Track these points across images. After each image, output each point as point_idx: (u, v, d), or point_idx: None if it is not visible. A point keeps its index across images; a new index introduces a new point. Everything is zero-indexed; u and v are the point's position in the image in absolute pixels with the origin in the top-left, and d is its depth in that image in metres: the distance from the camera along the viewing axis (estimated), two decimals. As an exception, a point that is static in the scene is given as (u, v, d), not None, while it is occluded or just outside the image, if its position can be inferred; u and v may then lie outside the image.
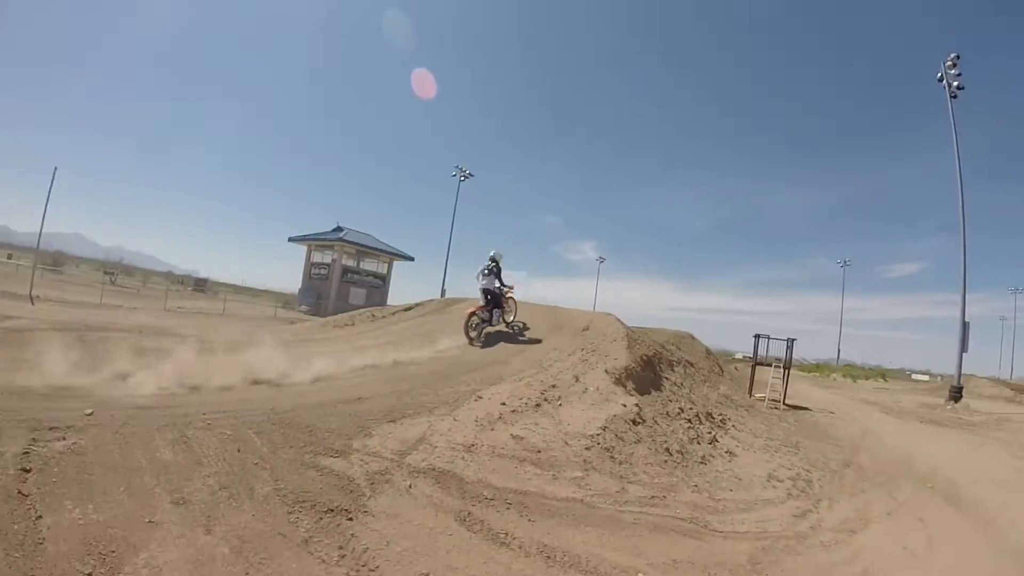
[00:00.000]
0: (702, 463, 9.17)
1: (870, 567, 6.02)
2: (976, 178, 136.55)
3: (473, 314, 15.94)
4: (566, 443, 7.85)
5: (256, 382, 9.90)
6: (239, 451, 5.88)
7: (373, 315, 22.80)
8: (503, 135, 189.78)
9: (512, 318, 17.29)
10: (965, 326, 30.84)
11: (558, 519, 5.85)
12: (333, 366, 11.66)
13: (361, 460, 6.27)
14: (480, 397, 9.28)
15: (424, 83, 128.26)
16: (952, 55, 32.93)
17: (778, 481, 8.98)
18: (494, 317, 16.37)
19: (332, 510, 5.04)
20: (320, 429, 7.02)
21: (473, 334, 15.76)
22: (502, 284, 16.59)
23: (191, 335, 15.56)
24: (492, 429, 7.87)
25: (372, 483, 5.75)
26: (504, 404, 8.92)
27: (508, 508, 5.85)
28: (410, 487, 5.84)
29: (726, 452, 10.27)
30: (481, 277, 16.42)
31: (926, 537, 7.04)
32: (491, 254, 16.60)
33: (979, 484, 10.02)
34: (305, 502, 5.05)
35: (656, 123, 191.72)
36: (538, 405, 9.24)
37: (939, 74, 33.35)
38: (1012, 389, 42.24)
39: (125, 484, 4.75)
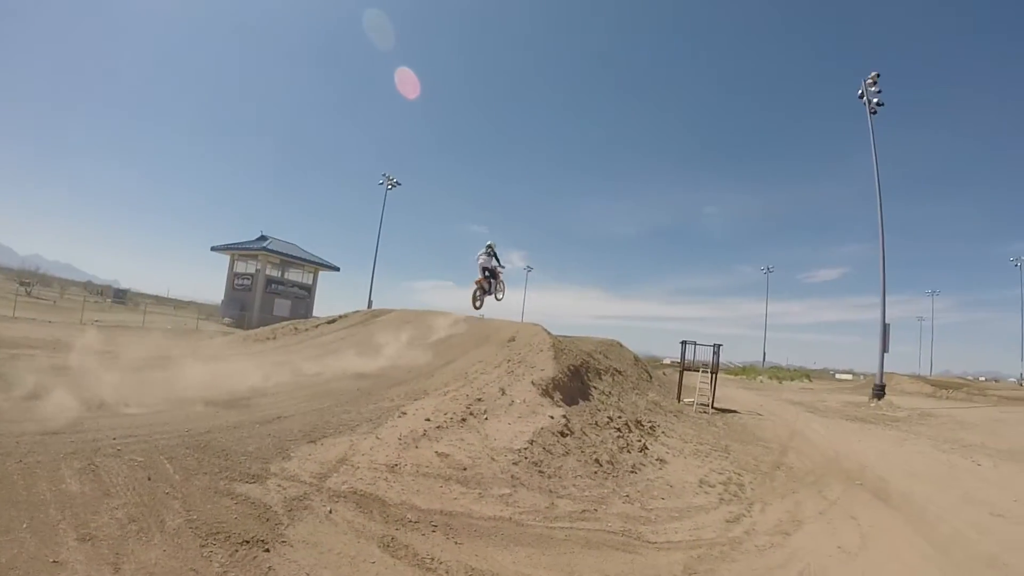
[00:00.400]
0: (633, 472, 9.01)
1: (806, 569, 5.94)
2: (894, 187, 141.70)
3: (479, 284, 19.42)
4: (493, 459, 7.63)
5: (171, 402, 9.38)
6: (150, 479, 5.54)
7: (296, 328, 22.26)
8: (430, 143, 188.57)
9: (502, 296, 20.53)
10: (886, 327, 31.89)
11: (486, 540, 5.60)
12: (252, 383, 11.21)
13: (279, 485, 5.93)
14: (404, 413, 8.99)
15: (408, 82, 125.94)
16: (873, 73, 34.05)
17: (710, 486, 8.89)
18: (491, 287, 19.80)
19: (248, 541, 4.70)
20: (236, 452, 6.69)
21: (477, 303, 19.61)
22: (499, 263, 20.15)
23: (106, 351, 14.90)
24: (416, 447, 7.59)
25: (290, 510, 5.42)
26: (429, 420, 8.67)
27: (433, 530, 5.57)
28: (330, 512, 5.53)
29: (657, 460, 10.13)
30: (481, 257, 19.73)
31: (859, 535, 7.06)
32: (487, 243, 20.25)
33: (906, 479, 10.23)
34: (219, 534, 4.72)
35: (585, 135, 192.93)
36: (464, 420, 8.99)
37: (860, 91, 34.54)
38: (932, 385, 43.64)
39: (29, 520, 4.41)
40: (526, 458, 7.87)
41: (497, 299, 20.39)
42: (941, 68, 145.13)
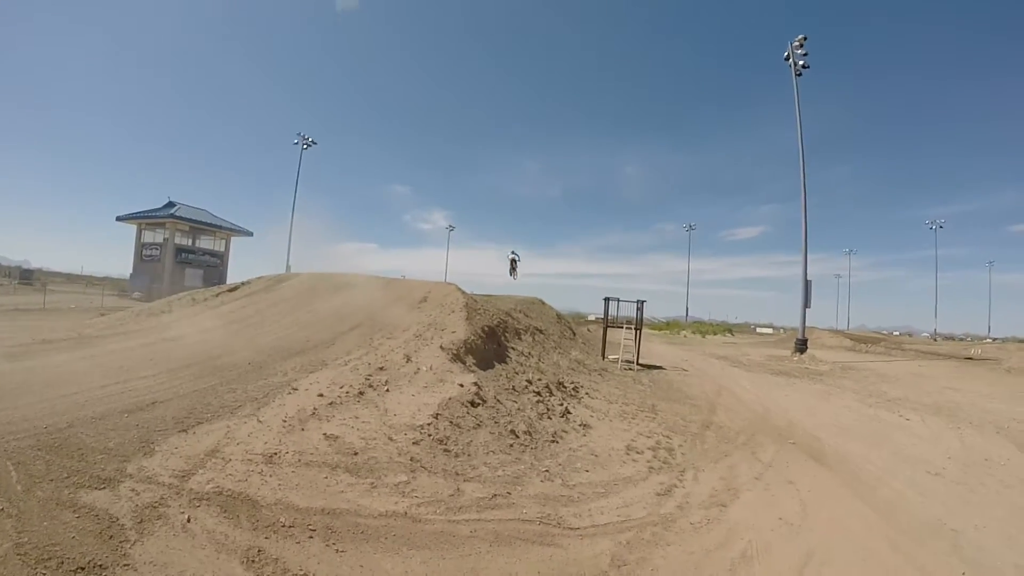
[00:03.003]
0: (553, 442, 8.34)
1: (748, 547, 5.39)
2: (813, 150, 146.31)
3: (511, 265, 27.54)
4: (390, 439, 6.78)
5: (35, 393, 8.27)
6: None
7: (194, 298, 20.85)
8: (346, 102, 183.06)
9: (517, 279, 27.63)
10: (807, 284, 33.15)
11: (374, 543, 4.72)
12: (130, 364, 10.12)
13: (132, 490, 5.05)
14: (295, 389, 8.18)
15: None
16: (800, 36, 34.77)
17: (638, 453, 8.30)
18: (517, 268, 27.69)
19: (83, 568, 3.92)
20: (94, 450, 5.85)
21: (512, 274, 27.67)
22: (517, 257, 28.03)
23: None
24: (302, 430, 6.72)
25: (140, 521, 4.55)
26: (321, 396, 7.86)
27: (311, 537, 4.67)
28: (188, 521, 4.64)
29: (580, 425, 9.55)
30: (512, 254, 27.93)
31: (799, 502, 6.66)
32: (512, 249, 28.62)
33: (838, 436, 10.09)
34: (51, 559, 3.94)
35: (506, 95, 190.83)
36: (361, 393, 8.18)
37: (786, 53, 35.21)
38: (851, 339, 45.20)
39: None
40: (430, 435, 7.04)
41: (515, 280, 27.83)
42: (860, 35, 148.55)
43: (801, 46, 34.47)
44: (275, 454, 6.01)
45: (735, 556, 5.22)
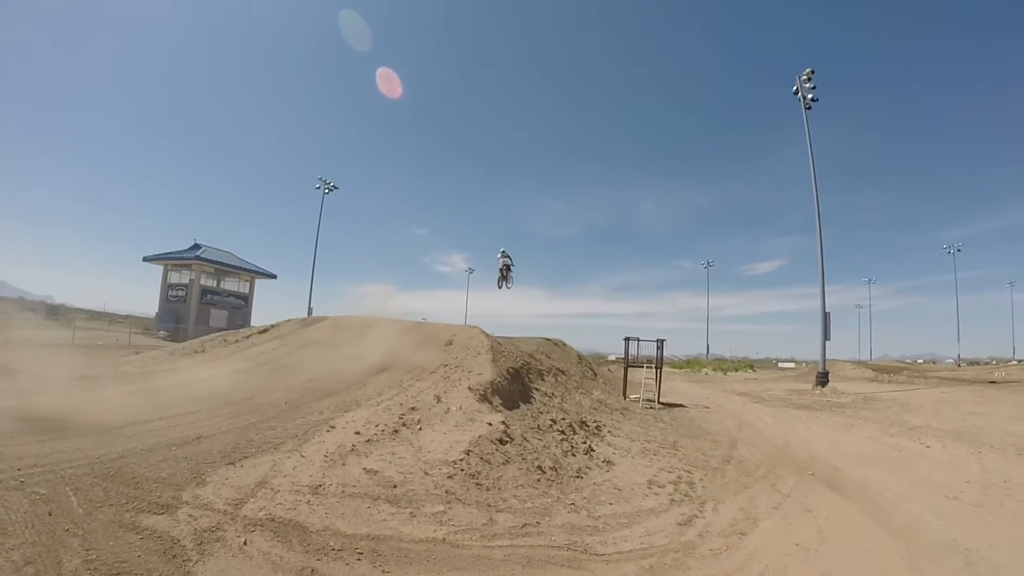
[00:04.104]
0: (578, 477, 8.61)
1: (765, 570, 5.57)
2: (827, 179, 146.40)
3: (501, 274, 26.96)
4: (426, 473, 7.12)
5: (83, 426, 8.72)
6: (50, 515, 5.12)
7: (226, 339, 21.56)
8: (364, 146, 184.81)
9: (512, 286, 27.54)
10: (826, 316, 33.19)
11: (417, 566, 5.05)
12: (172, 400, 10.58)
13: (190, 515, 5.44)
14: (333, 427, 8.53)
15: (391, 82, 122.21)
16: (807, 70, 35.25)
17: (659, 487, 8.52)
18: (508, 277, 27.03)
19: None
20: (148, 479, 6.25)
21: (500, 286, 27.11)
22: (511, 262, 27.35)
23: (25, 372, 14.10)
24: (343, 464, 7.08)
25: (200, 543, 4.92)
26: (358, 433, 8.18)
27: (359, 559, 5.02)
28: (245, 544, 5.01)
29: (603, 461, 9.77)
30: (503, 256, 27.15)
31: (816, 529, 6.78)
32: (502, 248, 27.69)
33: (858, 466, 10.14)
34: (119, 575, 4.26)
35: (523, 138, 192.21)
36: (396, 431, 8.51)
37: (794, 87, 35.75)
38: (873, 370, 44.94)
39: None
40: (462, 470, 7.37)
41: (508, 287, 27.24)
42: (871, 63, 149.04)
43: (809, 79, 34.92)
44: (320, 486, 6.36)
45: (753, 579, 5.45)
